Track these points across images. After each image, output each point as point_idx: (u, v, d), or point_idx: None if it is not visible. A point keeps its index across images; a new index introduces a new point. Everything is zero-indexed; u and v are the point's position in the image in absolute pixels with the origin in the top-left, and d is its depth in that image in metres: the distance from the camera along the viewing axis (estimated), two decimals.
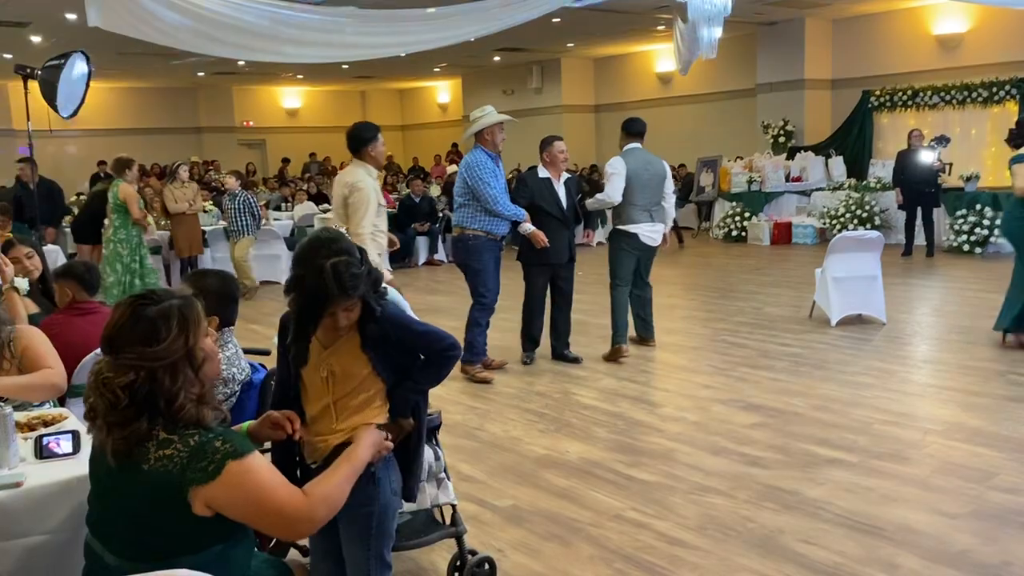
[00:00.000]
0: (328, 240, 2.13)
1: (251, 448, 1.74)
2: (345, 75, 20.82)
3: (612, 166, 6.25)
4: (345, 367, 2.22)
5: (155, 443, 1.68)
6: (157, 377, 1.67)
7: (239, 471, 1.67)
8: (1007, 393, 5.10)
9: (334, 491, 1.90)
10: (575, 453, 4.41)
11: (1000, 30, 13.36)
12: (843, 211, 12.40)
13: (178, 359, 1.69)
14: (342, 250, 2.10)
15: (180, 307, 1.73)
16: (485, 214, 5.86)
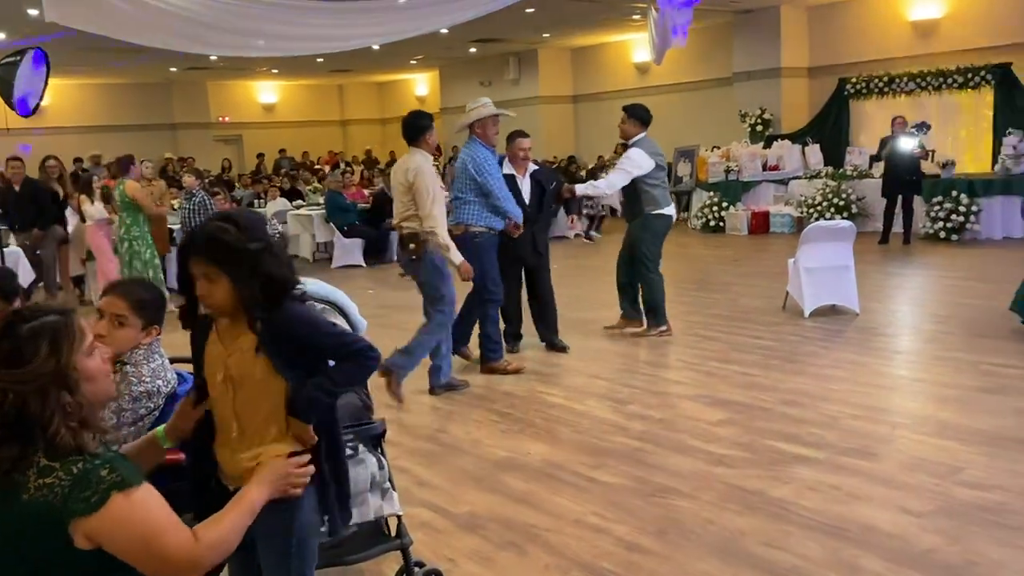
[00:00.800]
0: (238, 212, 2.14)
1: (140, 480, 1.61)
2: (321, 69, 20.60)
3: (638, 162, 6.29)
4: (241, 368, 2.04)
5: (35, 471, 1.55)
6: (26, 401, 1.54)
7: (125, 504, 1.55)
8: (979, 384, 5.03)
9: (227, 536, 1.76)
10: (537, 455, 4.31)
11: (975, 15, 13.32)
12: (820, 199, 12.34)
13: (47, 382, 1.56)
14: (230, 218, 2.04)
15: (53, 325, 1.60)
16: (488, 210, 5.67)
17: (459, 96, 21.96)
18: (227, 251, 1.97)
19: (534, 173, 6.26)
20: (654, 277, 6.52)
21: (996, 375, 5.17)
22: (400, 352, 5.16)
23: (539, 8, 13.52)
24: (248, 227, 2.01)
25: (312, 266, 11.98)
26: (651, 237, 6.50)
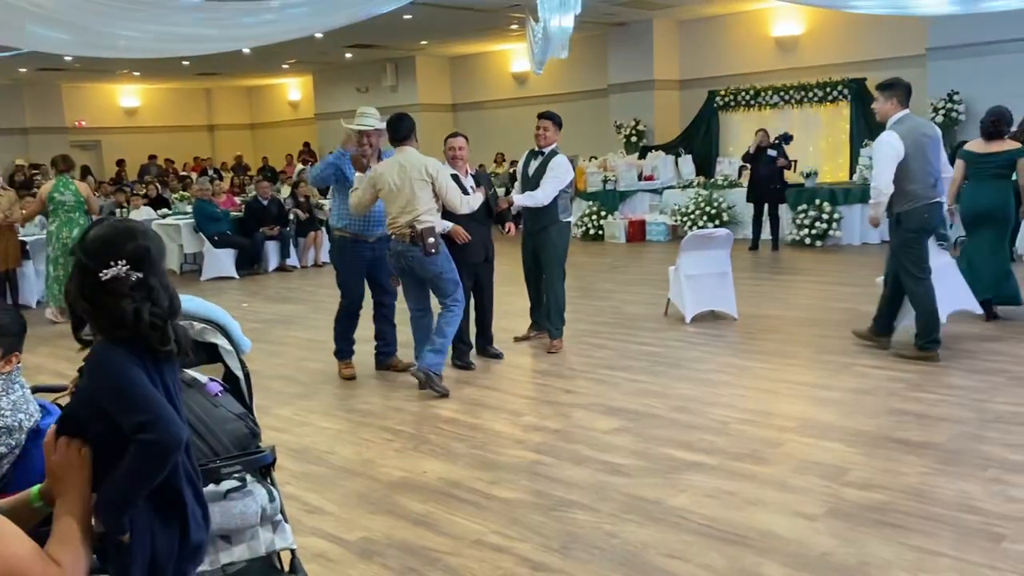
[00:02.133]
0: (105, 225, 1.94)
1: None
2: (187, 72, 19.71)
3: (567, 168, 6.37)
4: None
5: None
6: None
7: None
8: (855, 385, 5.24)
9: (82, 550, 1.65)
10: (433, 474, 4.17)
11: (833, 32, 14.12)
12: (693, 208, 12.74)
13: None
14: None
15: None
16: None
17: (334, 102, 21.52)
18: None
19: (477, 174, 6.28)
20: (562, 284, 6.55)
21: (870, 376, 5.41)
22: (431, 351, 5.47)
23: (416, 15, 13.40)
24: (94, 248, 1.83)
25: (180, 279, 11.40)
26: (564, 244, 6.52)
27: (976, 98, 11.92)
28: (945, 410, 4.69)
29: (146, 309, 1.82)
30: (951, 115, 12.11)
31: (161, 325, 1.85)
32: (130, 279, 1.84)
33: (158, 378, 1.89)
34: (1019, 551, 3.12)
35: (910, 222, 5.59)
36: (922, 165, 5.55)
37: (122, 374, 1.84)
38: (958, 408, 4.70)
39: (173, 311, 1.91)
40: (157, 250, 1.90)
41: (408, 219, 5.40)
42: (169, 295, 1.90)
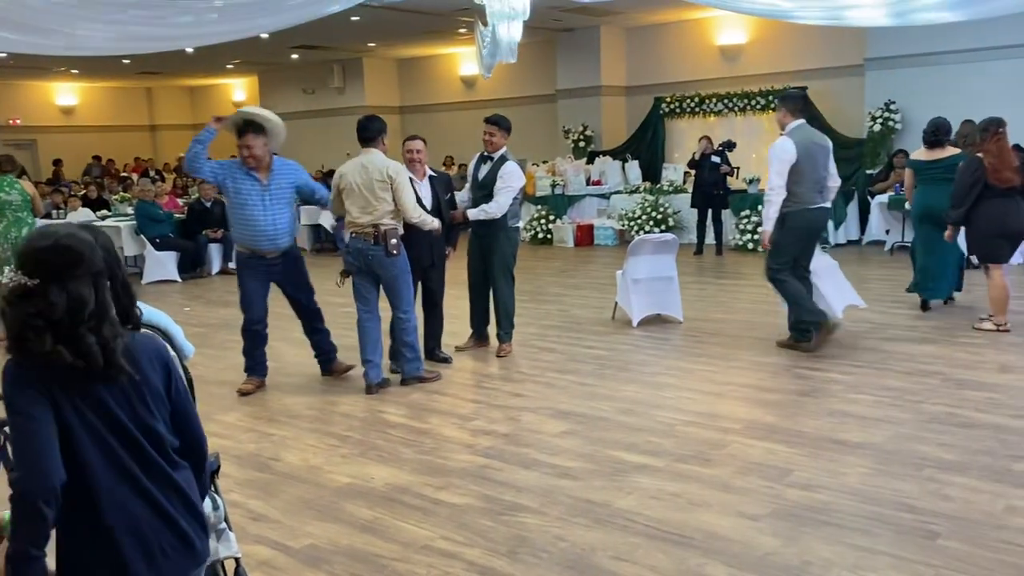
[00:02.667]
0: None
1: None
2: (127, 70, 19.24)
3: (518, 176, 6.26)
4: None
5: None
6: None
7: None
8: (796, 388, 5.36)
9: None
10: (381, 480, 4.14)
11: (775, 42, 14.40)
12: (640, 213, 12.87)
13: None
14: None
15: None
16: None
17: (280, 103, 21.19)
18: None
19: (432, 179, 6.13)
20: (512, 288, 6.53)
21: (810, 379, 5.53)
22: (408, 362, 5.71)
23: (364, 17, 13.29)
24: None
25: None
26: (513, 249, 6.48)
27: (912, 108, 12.29)
28: (882, 411, 4.81)
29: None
30: (888, 124, 12.46)
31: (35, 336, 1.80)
32: (24, 287, 1.82)
33: (66, 403, 1.83)
34: (953, 548, 3.22)
35: (794, 222, 6.06)
36: (811, 171, 6.02)
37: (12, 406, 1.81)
38: (895, 409, 4.84)
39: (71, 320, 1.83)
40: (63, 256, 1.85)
41: (369, 219, 5.46)
42: (75, 303, 1.83)
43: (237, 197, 5.50)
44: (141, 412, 1.93)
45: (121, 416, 1.89)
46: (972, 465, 3.99)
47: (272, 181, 5.54)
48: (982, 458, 4.07)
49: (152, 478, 1.93)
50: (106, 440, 1.88)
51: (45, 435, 1.78)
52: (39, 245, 1.86)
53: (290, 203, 5.68)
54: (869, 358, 5.94)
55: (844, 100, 13.35)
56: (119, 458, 1.89)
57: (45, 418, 1.79)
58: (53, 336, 1.81)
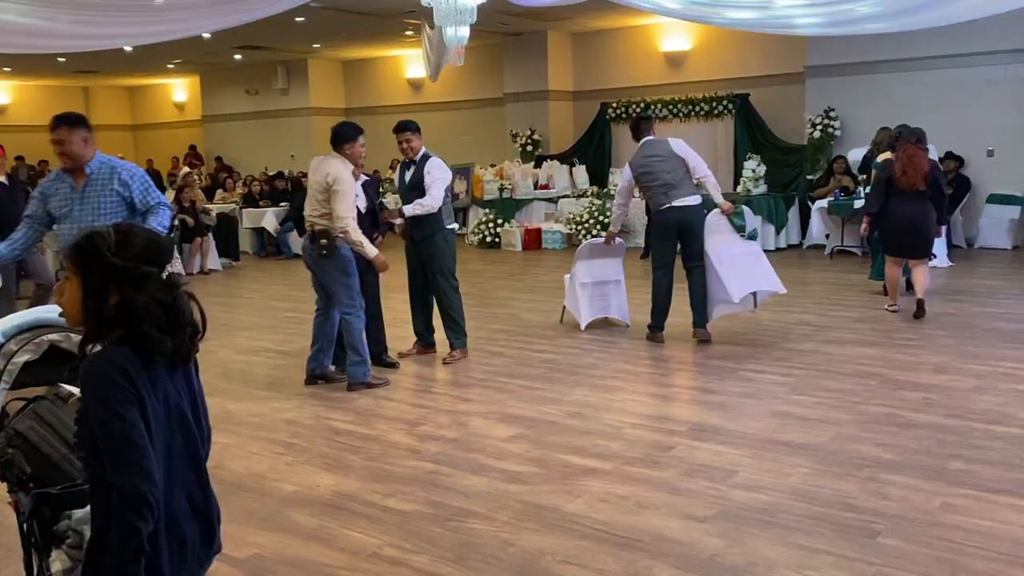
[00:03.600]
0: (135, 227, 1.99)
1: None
2: (63, 69, 18.72)
3: (446, 170, 6.31)
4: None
5: None
6: None
7: None
8: (740, 390, 5.44)
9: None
10: (327, 487, 4.08)
11: (718, 49, 14.65)
12: (587, 217, 12.96)
13: None
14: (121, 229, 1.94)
15: None
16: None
17: (223, 104, 20.90)
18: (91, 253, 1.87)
19: (365, 183, 6.09)
20: (458, 293, 6.46)
21: (754, 381, 5.62)
22: (352, 366, 5.69)
23: (309, 18, 13.15)
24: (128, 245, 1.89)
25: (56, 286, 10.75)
26: (452, 252, 6.42)
27: (851, 115, 12.61)
28: (824, 412, 4.92)
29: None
30: (827, 130, 12.75)
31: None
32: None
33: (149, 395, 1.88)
34: (892, 545, 3.29)
35: (652, 225, 7.49)
36: (652, 180, 6.72)
37: (118, 402, 1.83)
38: (836, 410, 4.94)
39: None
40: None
41: (309, 217, 5.65)
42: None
43: (57, 208, 4.38)
44: (189, 403, 2.02)
45: (185, 410, 1.98)
46: (910, 464, 4.10)
47: (88, 188, 4.32)
48: (919, 457, 4.18)
49: (198, 469, 2.00)
50: (173, 430, 1.94)
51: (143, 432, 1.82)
52: (159, 239, 1.96)
53: (118, 216, 4.31)
54: (811, 360, 6.06)
55: (785, 107, 13.64)
56: (177, 448, 1.95)
57: (138, 415, 1.82)
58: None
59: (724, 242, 6.65)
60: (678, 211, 6.62)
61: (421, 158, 6.28)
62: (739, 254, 6.68)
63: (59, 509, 2.38)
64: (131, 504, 1.76)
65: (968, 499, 3.68)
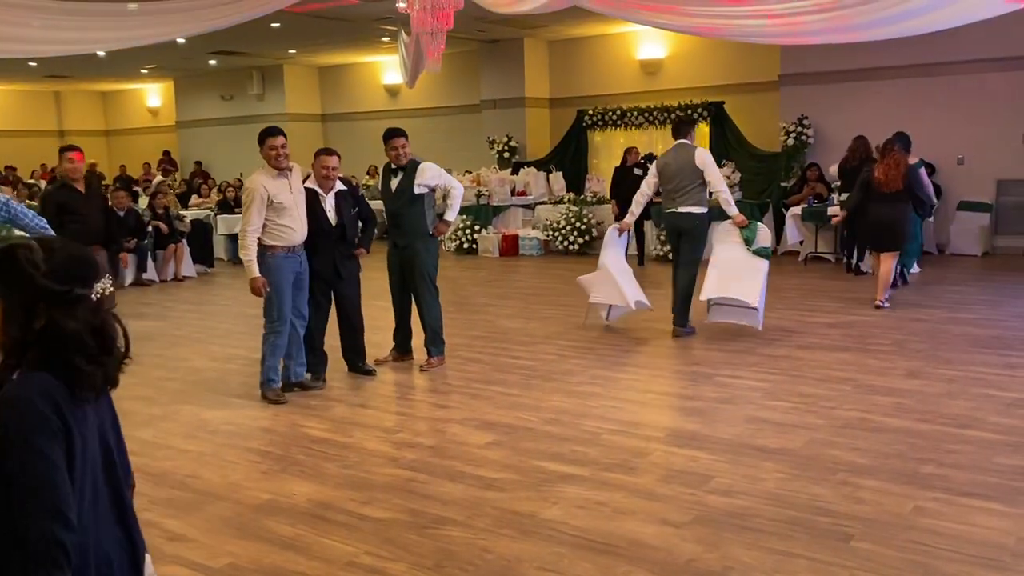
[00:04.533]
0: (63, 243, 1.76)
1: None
2: (34, 73, 18.50)
3: (446, 177, 6.42)
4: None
5: None
6: None
7: None
8: (716, 395, 5.47)
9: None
10: (303, 495, 4.05)
11: (693, 57, 14.76)
12: (564, 224, 13.00)
13: None
14: (46, 244, 1.72)
15: None
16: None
17: (197, 110, 20.74)
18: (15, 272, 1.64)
19: (340, 192, 5.97)
20: (438, 300, 6.44)
21: (730, 386, 5.66)
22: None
23: (285, 23, 13.10)
24: (59, 263, 1.67)
25: None
26: (434, 259, 6.41)
27: (824, 123, 12.75)
28: (798, 417, 4.96)
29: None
30: (801, 138, 12.89)
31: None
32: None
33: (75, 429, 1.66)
34: (866, 549, 3.33)
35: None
36: (665, 182, 7.28)
37: (39, 434, 1.60)
38: (810, 415, 4.99)
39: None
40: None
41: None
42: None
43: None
44: (112, 436, 1.83)
45: (108, 440, 1.80)
46: (883, 468, 4.14)
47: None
48: (892, 461, 4.23)
49: (122, 499, 1.82)
50: (99, 462, 1.75)
51: (65, 473, 1.61)
52: (88, 254, 1.75)
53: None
54: (785, 365, 6.11)
55: (760, 115, 13.77)
56: (103, 481, 1.76)
57: (61, 453, 1.61)
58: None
59: (726, 250, 7.11)
60: (674, 216, 7.15)
61: (409, 164, 6.24)
62: (735, 263, 7.00)
63: None
64: (46, 554, 1.54)
65: (940, 503, 3.73)
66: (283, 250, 5.57)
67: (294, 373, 5.85)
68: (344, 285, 6.03)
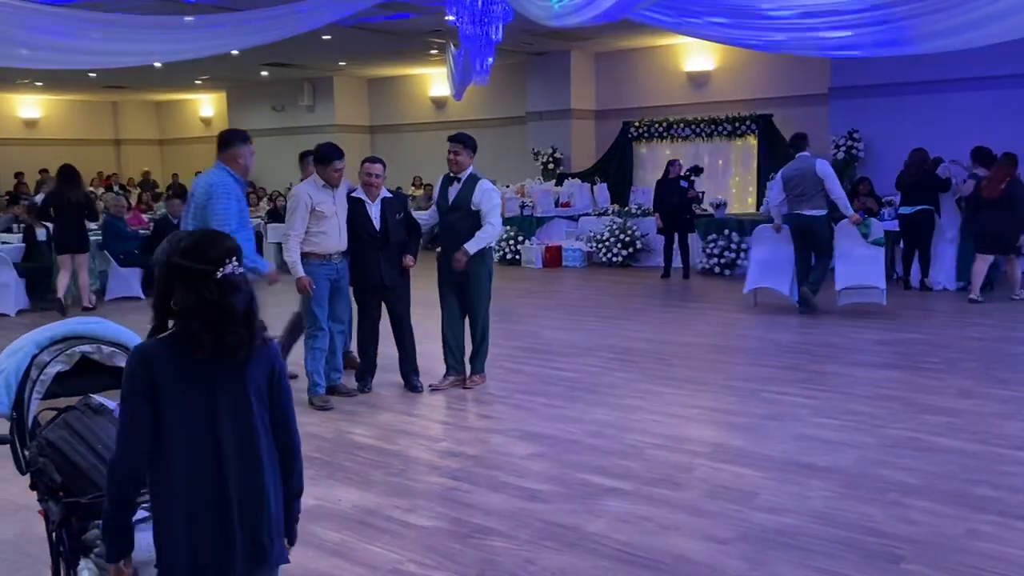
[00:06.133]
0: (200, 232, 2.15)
1: None
2: (93, 84, 19.06)
3: (498, 193, 6.16)
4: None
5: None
6: None
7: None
8: (762, 411, 5.41)
9: None
10: (349, 501, 4.10)
11: (742, 69, 14.67)
12: (608, 235, 12.98)
13: None
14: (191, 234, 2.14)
15: None
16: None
17: (249, 120, 21.09)
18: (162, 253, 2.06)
19: (384, 201, 5.97)
20: (488, 318, 6.19)
21: (776, 402, 5.59)
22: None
23: (336, 36, 13.32)
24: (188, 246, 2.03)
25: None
26: (490, 273, 6.15)
27: (874, 136, 12.56)
28: (847, 435, 4.88)
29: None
30: (851, 152, 12.71)
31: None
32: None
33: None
34: (917, 571, 3.26)
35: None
36: (790, 188, 8.57)
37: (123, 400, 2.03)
38: (859, 434, 4.90)
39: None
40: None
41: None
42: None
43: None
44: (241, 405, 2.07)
45: (221, 401, 2.05)
46: (934, 489, 4.06)
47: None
48: (944, 482, 4.14)
49: (222, 465, 2.04)
50: (206, 421, 2.04)
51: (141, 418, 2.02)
52: (214, 238, 2.08)
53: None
54: (833, 382, 6.02)
55: (808, 128, 13.54)
56: (208, 440, 2.04)
57: (143, 401, 2.02)
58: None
59: (849, 245, 8.53)
60: (798, 217, 8.47)
61: (468, 178, 6.01)
62: (858, 255, 8.49)
63: (88, 518, 2.41)
64: (110, 470, 2.02)
65: (995, 526, 3.64)
66: (318, 258, 5.68)
67: (330, 378, 5.94)
68: (392, 298, 6.01)
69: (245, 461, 2.04)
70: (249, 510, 2.04)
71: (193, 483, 2.00)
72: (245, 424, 2.04)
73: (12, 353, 2.60)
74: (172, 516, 2.00)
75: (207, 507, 2.01)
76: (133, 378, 1.99)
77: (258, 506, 2.05)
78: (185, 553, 2.00)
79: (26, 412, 2.56)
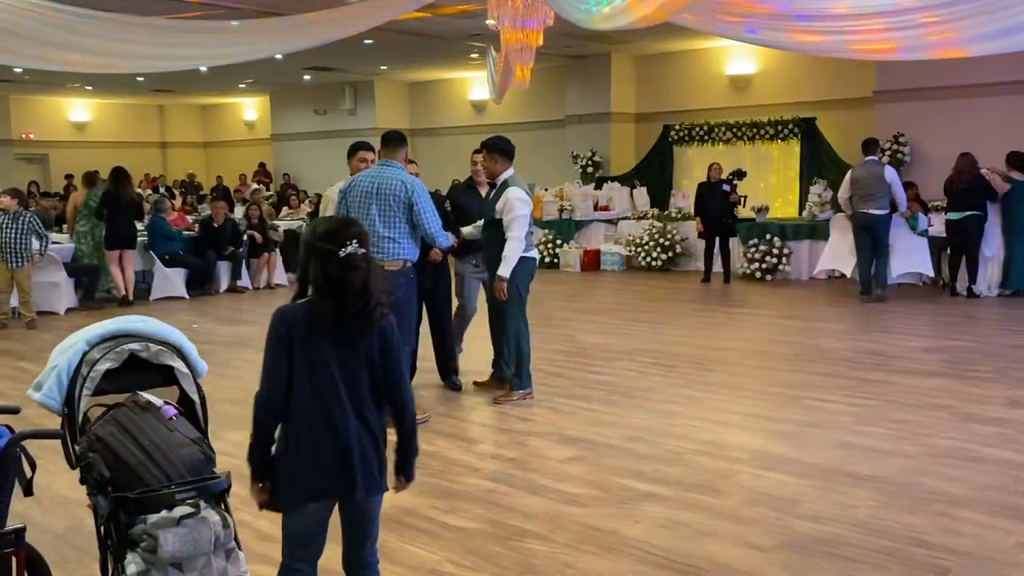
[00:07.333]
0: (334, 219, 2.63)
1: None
2: (141, 88, 19.46)
3: (527, 202, 5.72)
4: None
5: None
6: None
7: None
8: (804, 418, 5.33)
9: None
10: (388, 501, 4.06)
11: (784, 72, 14.50)
12: (647, 239, 12.91)
13: None
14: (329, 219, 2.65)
15: None
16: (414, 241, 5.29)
17: (291, 124, 21.41)
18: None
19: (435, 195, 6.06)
20: (526, 327, 5.91)
21: (818, 409, 5.51)
22: None
23: (377, 40, 13.43)
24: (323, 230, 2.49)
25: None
26: (526, 281, 5.83)
27: (921, 140, 12.34)
28: (892, 444, 4.79)
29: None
30: (897, 156, 12.50)
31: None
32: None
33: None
34: None
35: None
36: (857, 189, 9.62)
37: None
38: (904, 443, 4.82)
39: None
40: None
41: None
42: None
43: None
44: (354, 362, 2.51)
45: (331, 365, 2.48)
46: (982, 500, 3.97)
47: None
48: (992, 494, 4.05)
49: (332, 415, 2.49)
50: (316, 379, 2.49)
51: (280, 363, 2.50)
52: (342, 224, 2.51)
53: None
54: (877, 390, 5.92)
55: (853, 132, 13.38)
56: (315, 393, 2.49)
57: (281, 351, 2.50)
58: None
59: (900, 237, 9.77)
60: (864, 215, 9.49)
61: (501, 184, 5.83)
62: (907, 245, 9.87)
63: (136, 513, 2.46)
64: (257, 401, 2.50)
65: None
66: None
67: None
68: (434, 297, 6.06)
69: (354, 406, 2.50)
70: (348, 446, 2.49)
71: (312, 419, 2.46)
72: (355, 379, 2.49)
73: (64, 350, 2.66)
74: (295, 446, 2.47)
75: (323, 439, 2.46)
76: (275, 332, 2.47)
77: (358, 442, 2.50)
78: (303, 475, 2.49)
79: (77, 408, 2.62)
